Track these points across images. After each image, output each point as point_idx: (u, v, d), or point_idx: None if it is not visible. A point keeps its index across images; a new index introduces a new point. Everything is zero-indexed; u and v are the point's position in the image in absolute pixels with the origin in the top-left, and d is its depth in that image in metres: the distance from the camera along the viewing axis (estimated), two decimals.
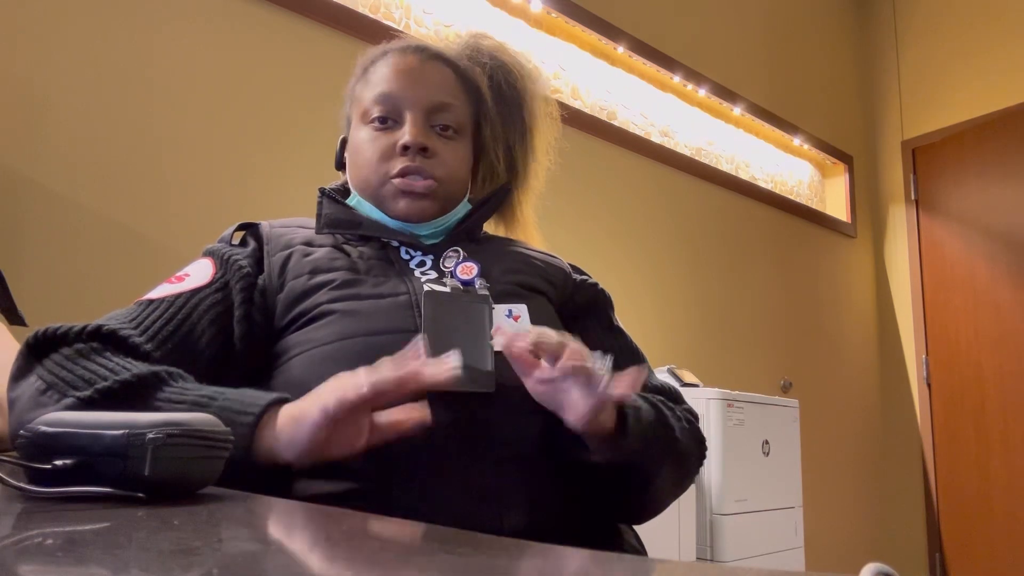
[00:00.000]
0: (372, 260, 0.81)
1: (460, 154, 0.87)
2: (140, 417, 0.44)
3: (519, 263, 0.86)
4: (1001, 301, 3.10)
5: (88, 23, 1.40)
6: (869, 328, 3.55)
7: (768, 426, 2.09)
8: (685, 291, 2.60)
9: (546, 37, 2.29)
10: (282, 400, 0.63)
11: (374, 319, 0.73)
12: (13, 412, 0.64)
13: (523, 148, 0.96)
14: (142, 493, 0.42)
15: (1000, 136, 3.18)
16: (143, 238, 1.42)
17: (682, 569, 0.42)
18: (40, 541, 0.31)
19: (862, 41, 3.78)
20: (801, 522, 2.18)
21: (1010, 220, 3.12)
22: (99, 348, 0.66)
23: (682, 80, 2.66)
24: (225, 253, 0.80)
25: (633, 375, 0.63)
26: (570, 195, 2.22)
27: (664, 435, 0.75)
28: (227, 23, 1.58)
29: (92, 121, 1.38)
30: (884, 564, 0.26)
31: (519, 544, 0.36)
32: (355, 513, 0.45)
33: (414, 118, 0.83)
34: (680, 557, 1.77)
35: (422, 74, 0.85)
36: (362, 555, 0.35)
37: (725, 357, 2.73)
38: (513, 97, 0.94)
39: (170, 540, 0.32)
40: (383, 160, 0.83)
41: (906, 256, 3.50)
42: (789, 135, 3.18)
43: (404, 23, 1.91)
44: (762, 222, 3.02)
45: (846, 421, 3.30)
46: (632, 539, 0.82)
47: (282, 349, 0.75)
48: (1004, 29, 3.25)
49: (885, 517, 3.41)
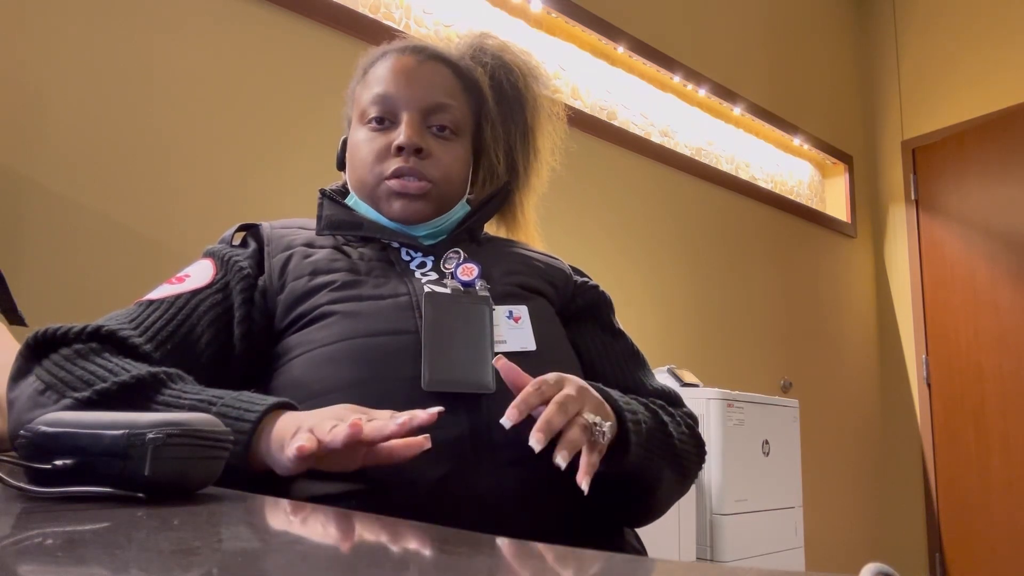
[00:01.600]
0: (373, 261, 0.81)
1: (457, 155, 0.86)
2: (140, 417, 0.44)
3: (520, 264, 0.86)
4: (1001, 301, 3.10)
5: (88, 23, 1.40)
6: (869, 328, 3.55)
7: (768, 426, 2.09)
8: (685, 291, 2.60)
9: (546, 37, 2.29)
10: (280, 405, 0.63)
11: (375, 320, 0.73)
12: (12, 412, 0.64)
13: (524, 148, 0.95)
14: (142, 493, 0.42)
15: (1000, 136, 3.17)
16: (143, 238, 1.42)
17: (682, 569, 0.42)
18: (40, 541, 0.31)
19: (862, 41, 3.78)
20: (801, 522, 2.18)
21: (1010, 220, 3.12)
22: (98, 349, 0.66)
23: (682, 80, 2.66)
24: (226, 254, 0.80)
25: (588, 466, 0.62)
26: (570, 195, 2.22)
27: (665, 444, 0.75)
28: (227, 23, 1.58)
29: (92, 121, 1.38)
30: (884, 564, 0.26)
31: (519, 544, 0.36)
32: (355, 513, 0.45)
33: (410, 119, 0.83)
34: (680, 557, 1.77)
35: (419, 75, 0.85)
36: (362, 555, 0.35)
37: (725, 357, 2.73)
38: (515, 97, 0.94)
39: (170, 540, 0.32)
40: (378, 161, 0.83)
41: (906, 256, 3.50)
42: (789, 135, 3.18)
43: (404, 23, 1.91)
44: (762, 222, 3.02)
45: (846, 421, 3.30)
46: (632, 539, 0.82)
47: (283, 350, 0.75)
48: (1004, 29, 3.25)
49: (885, 517, 3.41)
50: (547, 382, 0.65)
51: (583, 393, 0.66)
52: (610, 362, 0.86)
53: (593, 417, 0.64)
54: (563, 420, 0.62)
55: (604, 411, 0.68)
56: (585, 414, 0.64)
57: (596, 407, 0.66)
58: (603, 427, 0.64)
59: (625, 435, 0.70)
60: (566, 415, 0.62)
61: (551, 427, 0.61)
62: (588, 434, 0.63)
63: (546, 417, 0.61)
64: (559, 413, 0.62)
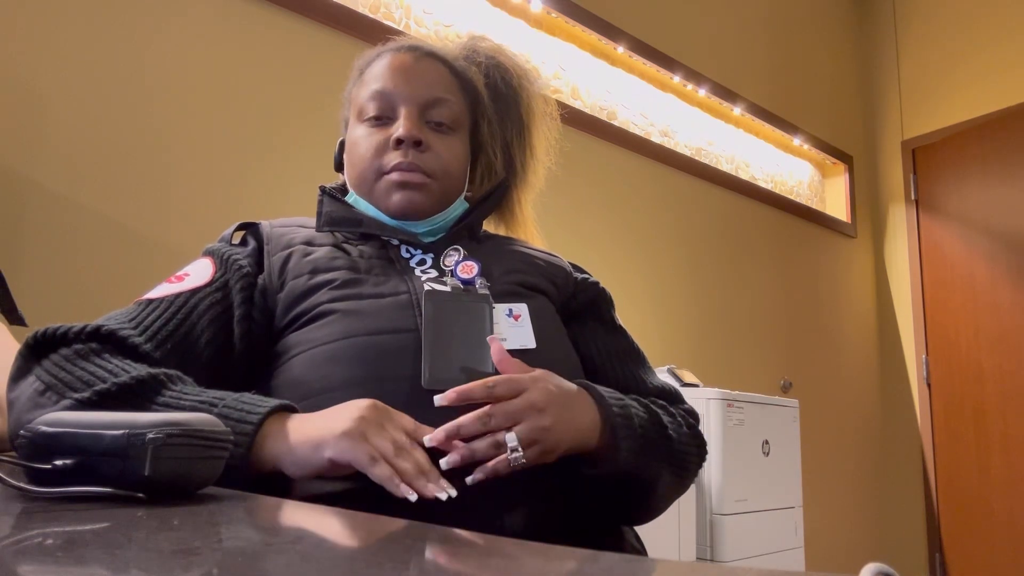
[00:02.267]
0: (372, 259, 0.81)
1: (455, 149, 0.86)
2: (140, 417, 0.44)
3: (520, 262, 0.86)
4: (1001, 301, 3.09)
5: (88, 23, 1.40)
6: (869, 328, 3.55)
7: (768, 426, 2.09)
8: (685, 291, 2.60)
9: (546, 37, 2.29)
10: (281, 408, 0.63)
11: (375, 318, 0.73)
12: (12, 413, 0.64)
13: (521, 145, 0.96)
14: (142, 493, 0.42)
15: (1000, 136, 3.17)
16: (143, 238, 1.42)
17: (682, 569, 0.42)
18: (40, 541, 0.31)
19: (862, 41, 3.78)
20: (801, 522, 2.18)
21: (1010, 220, 3.12)
22: (98, 349, 0.66)
23: (682, 80, 2.66)
24: (225, 253, 0.80)
25: (484, 469, 0.62)
26: (570, 195, 2.22)
27: (661, 442, 0.75)
28: (227, 23, 1.58)
29: (92, 121, 1.38)
30: (884, 564, 0.26)
31: (519, 544, 0.36)
32: (355, 513, 0.45)
33: (408, 112, 0.83)
34: (680, 557, 1.76)
35: (416, 71, 0.85)
36: (362, 555, 0.35)
37: (725, 357, 2.73)
38: (510, 95, 0.94)
39: (170, 540, 0.32)
40: (378, 155, 0.83)
41: (906, 256, 3.50)
42: (789, 135, 3.18)
43: (404, 23, 1.91)
44: (762, 222, 3.02)
45: (846, 421, 3.30)
46: (632, 539, 0.82)
47: (283, 349, 0.75)
48: (1004, 29, 3.25)
49: (885, 517, 3.41)
50: (504, 383, 0.65)
51: (531, 408, 0.65)
52: (610, 359, 0.86)
53: (513, 440, 0.63)
54: (475, 430, 0.62)
55: (577, 423, 0.68)
56: (513, 431, 0.63)
57: (541, 426, 0.65)
58: (519, 452, 0.62)
59: (614, 439, 0.70)
60: (483, 427, 0.63)
61: (460, 433, 0.62)
62: (499, 451, 0.63)
63: (458, 422, 0.62)
64: (475, 422, 0.62)
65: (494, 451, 0.62)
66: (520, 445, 0.63)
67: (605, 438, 0.70)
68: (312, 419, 0.62)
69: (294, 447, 0.60)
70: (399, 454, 0.59)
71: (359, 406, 0.61)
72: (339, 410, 0.62)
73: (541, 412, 0.65)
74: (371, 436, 0.59)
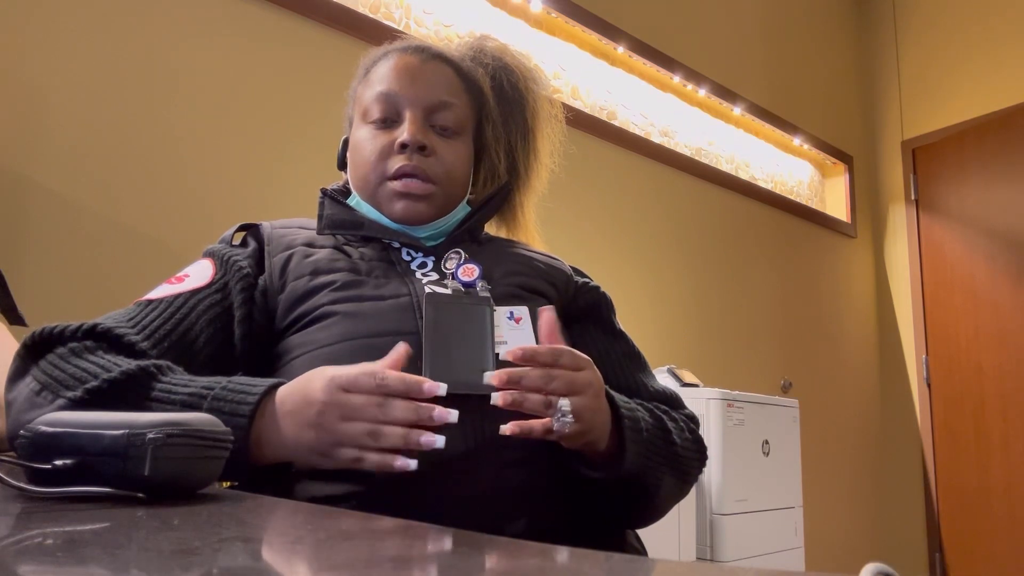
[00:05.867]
0: (373, 261, 0.81)
1: (459, 154, 0.86)
2: (140, 417, 0.44)
3: (521, 265, 0.86)
4: (1001, 301, 3.09)
5: (89, 23, 1.40)
6: (869, 328, 3.55)
7: (768, 426, 2.09)
8: (685, 291, 2.60)
9: (546, 37, 2.29)
10: (273, 387, 0.63)
11: (375, 321, 0.73)
12: (11, 413, 0.64)
13: (525, 149, 0.95)
14: (142, 493, 0.42)
15: (1000, 136, 3.17)
16: (143, 238, 1.42)
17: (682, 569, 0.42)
18: (40, 541, 0.31)
19: (862, 41, 3.78)
20: (801, 522, 2.18)
21: (1010, 220, 3.12)
22: (92, 347, 0.66)
23: (682, 80, 2.66)
24: (225, 254, 0.80)
25: (522, 426, 0.62)
26: (570, 195, 2.22)
27: (665, 447, 0.75)
28: (227, 23, 1.58)
29: (93, 121, 1.38)
30: (884, 564, 0.26)
31: (519, 544, 0.36)
32: (355, 513, 0.45)
33: (413, 116, 0.83)
34: (680, 557, 1.76)
35: (422, 73, 0.85)
36: (362, 555, 0.34)
37: (725, 357, 2.73)
38: (515, 98, 0.94)
39: (170, 540, 0.32)
40: (381, 158, 0.83)
41: (906, 256, 3.50)
42: (789, 135, 3.18)
43: (404, 23, 1.91)
44: (762, 222, 3.02)
45: (846, 421, 3.30)
46: (632, 539, 0.82)
47: (283, 350, 0.75)
48: (1004, 29, 3.25)
49: (885, 517, 3.41)
50: (570, 356, 0.64)
51: (589, 387, 0.65)
52: (610, 363, 0.86)
53: (567, 405, 0.62)
54: (537, 385, 0.62)
55: (599, 417, 0.68)
56: (566, 399, 0.62)
57: (590, 406, 0.65)
58: (569, 419, 0.62)
59: (622, 441, 0.70)
60: (544, 384, 0.62)
61: (520, 383, 0.61)
62: (547, 410, 0.62)
63: (523, 370, 0.62)
64: (540, 377, 0.62)
65: (542, 410, 0.62)
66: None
67: (614, 440, 0.70)
68: (288, 418, 0.60)
69: (291, 451, 0.62)
70: (375, 432, 0.57)
71: (315, 400, 0.59)
72: (302, 407, 0.60)
73: (596, 395, 0.66)
74: (339, 432, 0.58)
